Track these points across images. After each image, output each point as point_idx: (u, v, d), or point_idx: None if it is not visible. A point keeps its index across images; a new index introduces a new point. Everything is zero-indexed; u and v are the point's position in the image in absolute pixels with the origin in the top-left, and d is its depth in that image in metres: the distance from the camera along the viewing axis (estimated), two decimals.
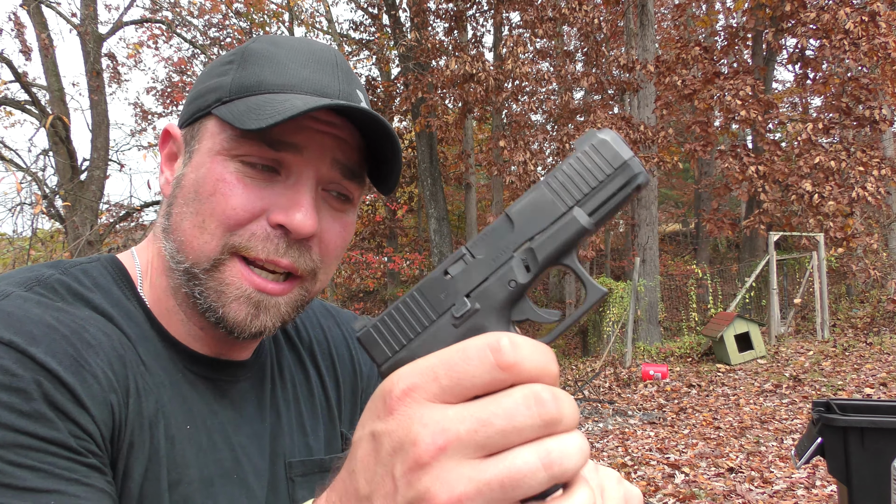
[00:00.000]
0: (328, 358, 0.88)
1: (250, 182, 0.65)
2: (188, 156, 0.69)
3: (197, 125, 0.69)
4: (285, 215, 0.65)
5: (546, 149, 13.13)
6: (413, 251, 17.72)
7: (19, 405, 0.51)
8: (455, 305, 0.41)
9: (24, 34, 11.07)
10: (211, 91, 0.68)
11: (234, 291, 0.66)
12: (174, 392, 0.67)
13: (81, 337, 0.59)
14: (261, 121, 0.61)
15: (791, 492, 4.41)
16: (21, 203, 7.94)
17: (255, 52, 0.69)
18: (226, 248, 0.65)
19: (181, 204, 0.67)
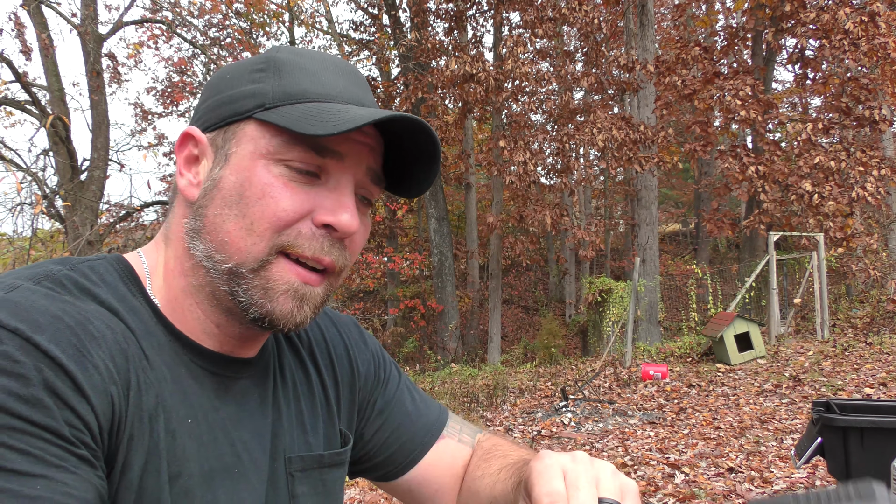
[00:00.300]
0: (327, 358, 0.90)
1: (296, 185, 0.69)
2: (223, 158, 0.71)
3: (231, 129, 0.71)
4: (332, 216, 0.69)
5: (546, 149, 13.12)
6: (413, 251, 17.74)
7: (17, 389, 0.52)
8: None
9: (24, 34, 11.08)
10: (247, 97, 0.71)
11: (282, 286, 0.69)
12: (176, 387, 0.68)
13: (85, 329, 0.60)
14: (328, 127, 0.65)
15: (791, 492, 4.41)
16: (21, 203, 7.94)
17: (285, 61, 0.72)
18: (273, 248, 0.68)
19: (221, 206, 0.69)
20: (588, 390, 8.60)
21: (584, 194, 22.00)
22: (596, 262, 20.76)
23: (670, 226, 27.86)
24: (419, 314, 15.79)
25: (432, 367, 13.57)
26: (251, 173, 0.68)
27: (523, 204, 12.91)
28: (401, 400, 0.96)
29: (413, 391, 0.99)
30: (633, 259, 11.43)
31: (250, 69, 0.73)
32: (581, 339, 15.92)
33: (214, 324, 0.73)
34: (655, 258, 12.58)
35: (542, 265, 23.84)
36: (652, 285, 12.17)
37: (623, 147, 11.69)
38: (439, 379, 11.00)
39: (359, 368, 0.93)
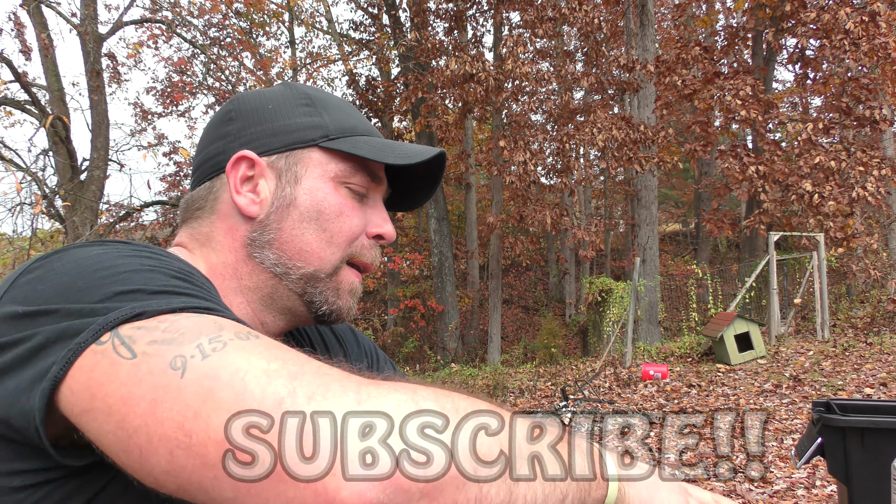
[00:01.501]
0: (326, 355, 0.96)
1: (356, 204, 0.84)
2: (292, 179, 0.81)
3: (294, 154, 0.82)
4: (382, 228, 0.85)
5: (546, 149, 13.11)
6: (413, 251, 17.73)
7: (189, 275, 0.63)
8: None
9: (24, 34, 11.07)
10: (308, 128, 0.82)
11: (347, 287, 0.84)
12: None
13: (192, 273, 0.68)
14: (401, 159, 0.80)
15: (791, 492, 4.41)
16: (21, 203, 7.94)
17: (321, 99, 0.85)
18: (345, 257, 0.83)
19: (297, 221, 0.81)
20: (588, 390, 8.60)
21: (584, 194, 22.00)
22: (596, 262, 20.76)
23: (670, 226, 27.86)
24: (419, 314, 15.78)
25: (432, 367, 13.57)
26: (325, 194, 0.81)
27: (523, 204, 12.90)
28: None
29: None
30: (633, 259, 11.42)
31: (296, 103, 0.84)
32: (581, 339, 15.93)
33: (260, 321, 0.83)
34: (655, 258, 12.57)
35: (542, 265, 23.84)
36: (652, 285, 12.17)
37: (623, 147, 11.69)
38: (439, 379, 11.00)
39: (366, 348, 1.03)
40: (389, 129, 18.52)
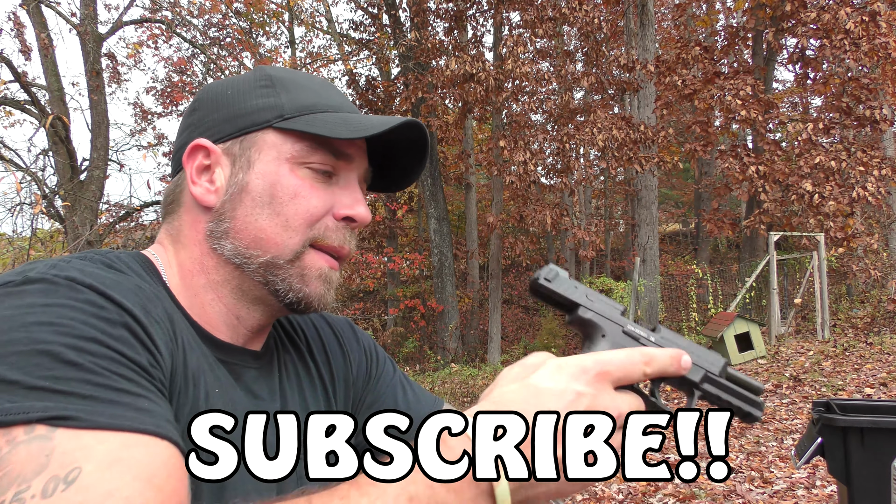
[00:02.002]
0: (323, 354, 0.96)
1: (318, 185, 0.79)
2: (245, 165, 0.79)
3: (248, 138, 0.79)
4: (352, 209, 0.80)
5: (546, 149, 13.11)
6: (413, 251, 17.72)
7: (108, 329, 0.59)
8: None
9: (23, 34, 11.08)
10: (262, 110, 0.79)
11: (315, 272, 0.79)
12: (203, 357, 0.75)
13: (142, 291, 0.68)
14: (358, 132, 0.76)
15: (791, 492, 4.40)
16: (21, 203, 7.93)
17: (285, 78, 0.82)
18: (306, 241, 0.78)
19: (251, 207, 0.77)
20: None
21: (584, 194, 21.98)
22: (596, 262, 20.75)
23: (670, 226, 27.84)
24: (419, 314, 15.77)
25: (432, 367, 13.56)
26: (279, 176, 0.77)
27: (523, 204, 12.89)
28: (392, 395, 0.99)
29: (407, 386, 1.02)
30: (633, 259, 11.42)
31: (254, 85, 0.81)
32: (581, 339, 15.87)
33: (235, 316, 0.81)
34: (655, 258, 12.56)
35: (543, 265, 23.81)
36: (652, 285, 12.16)
37: (623, 147, 11.68)
38: (439, 379, 11.00)
39: (352, 365, 0.98)
40: None
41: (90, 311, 0.59)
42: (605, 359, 0.58)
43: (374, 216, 18.71)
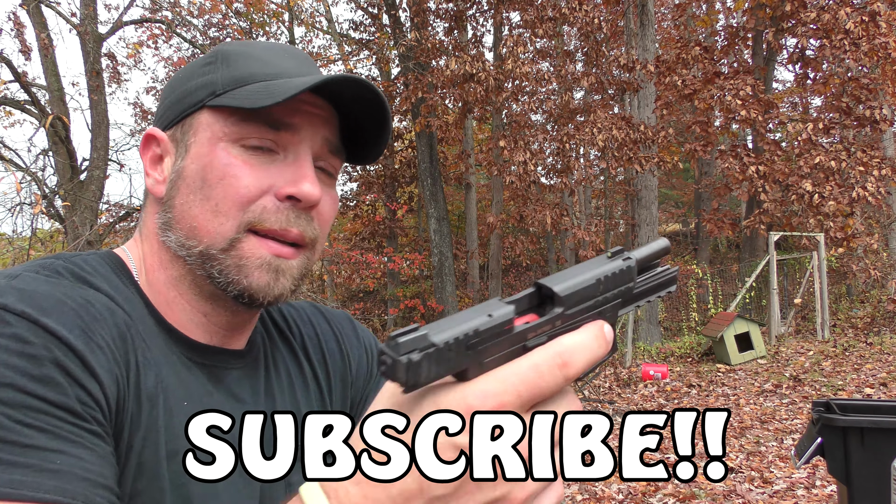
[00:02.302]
0: (319, 352, 0.91)
1: (255, 162, 0.71)
2: (183, 150, 0.73)
3: (187, 122, 0.74)
4: (294, 186, 0.71)
5: (546, 149, 13.10)
6: (413, 251, 17.71)
7: (30, 369, 0.54)
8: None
9: (23, 34, 11.07)
10: (198, 89, 0.73)
11: (255, 261, 0.71)
12: (171, 370, 0.70)
13: (88, 310, 0.62)
14: (273, 98, 0.67)
15: (791, 492, 4.40)
16: (21, 203, 7.94)
17: (232, 52, 0.75)
18: (241, 226, 0.70)
19: (186, 194, 0.72)
20: (588, 390, 8.59)
21: (584, 194, 21.99)
22: None
23: (670, 226, 27.83)
24: (419, 314, 15.76)
25: None
26: (211, 157, 0.71)
27: (523, 204, 12.89)
28: None
29: None
30: None
31: (201, 64, 0.76)
32: None
33: (202, 313, 0.75)
34: None
35: (542, 265, 23.82)
36: None
37: (623, 147, 11.68)
38: None
39: (350, 363, 0.94)
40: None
41: (14, 348, 0.54)
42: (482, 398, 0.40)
43: (373, 216, 18.71)
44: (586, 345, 0.43)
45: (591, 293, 0.47)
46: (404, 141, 19.33)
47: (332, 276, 14.95)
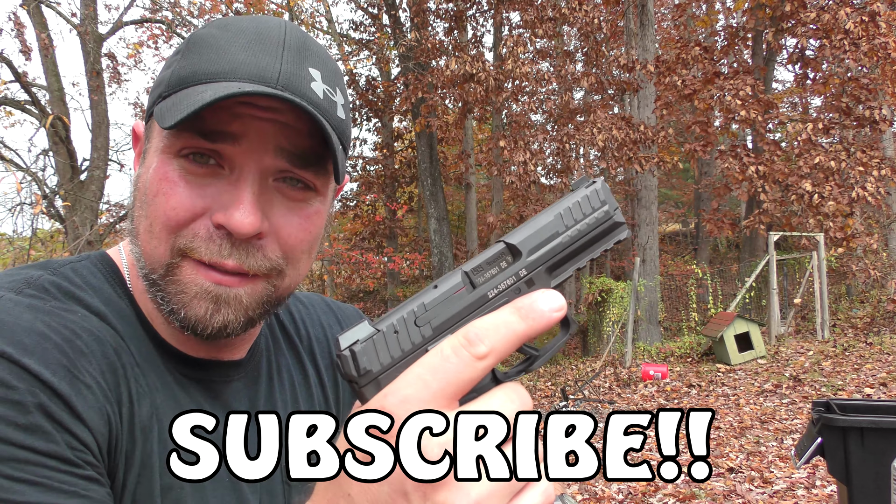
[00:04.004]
0: (327, 357, 0.87)
1: (193, 179, 0.62)
2: (143, 156, 0.68)
3: (150, 122, 0.67)
4: (224, 215, 0.62)
5: (546, 149, 13.11)
6: (413, 251, 17.71)
7: (15, 418, 0.50)
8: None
9: (23, 34, 11.06)
10: (157, 86, 0.66)
11: (192, 289, 0.63)
12: (167, 394, 0.66)
13: (73, 345, 0.58)
14: (175, 115, 0.59)
15: (791, 492, 4.41)
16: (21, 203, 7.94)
17: (198, 39, 0.66)
18: (174, 251, 0.63)
19: (138, 207, 0.66)
20: (588, 390, 8.60)
21: None
22: (596, 262, 20.75)
23: (670, 226, 27.83)
24: None
25: None
26: (153, 170, 0.64)
27: (523, 204, 12.90)
28: None
29: None
30: (633, 259, 11.42)
31: (175, 51, 0.68)
32: (581, 339, 15.91)
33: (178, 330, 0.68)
34: (655, 258, 12.57)
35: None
36: (652, 285, 12.16)
37: (623, 147, 11.68)
38: None
39: None
40: (389, 129, 18.53)
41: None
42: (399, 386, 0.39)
43: (373, 216, 18.71)
44: (501, 320, 0.41)
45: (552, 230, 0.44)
46: (404, 141, 19.33)
47: (332, 276, 14.95)
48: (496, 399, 0.40)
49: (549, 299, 0.42)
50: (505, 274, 0.43)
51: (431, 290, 0.42)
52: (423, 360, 0.39)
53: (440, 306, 0.41)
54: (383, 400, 0.39)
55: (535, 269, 0.44)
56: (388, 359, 0.40)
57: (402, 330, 0.41)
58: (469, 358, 0.39)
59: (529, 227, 0.45)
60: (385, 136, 18.52)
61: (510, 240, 0.44)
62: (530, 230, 0.44)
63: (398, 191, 19.74)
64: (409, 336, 0.41)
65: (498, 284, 0.43)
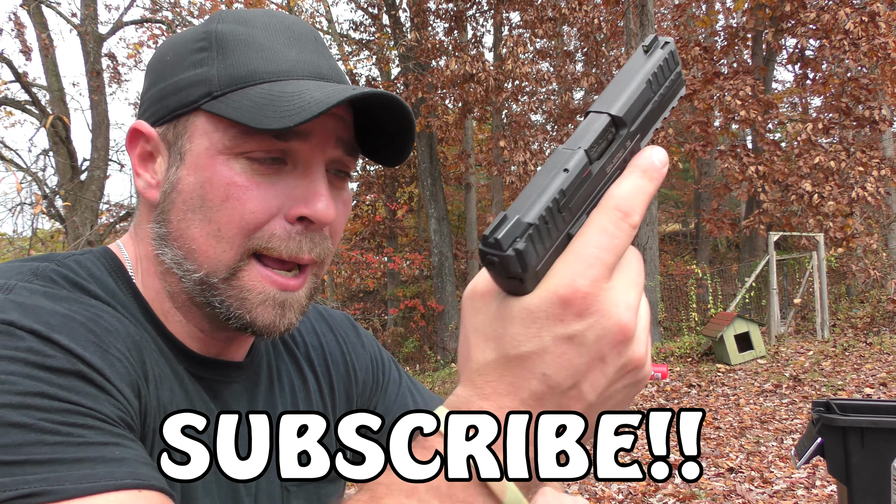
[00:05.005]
0: (323, 363, 0.86)
1: (262, 180, 0.63)
2: (178, 157, 0.65)
3: (181, 122, 0.65)
4: (307, 207, 0.63)
5: (546, 149, 13.12)
6: (413, 251, 17.72)
7: (56, 380, 0.50)
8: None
9: (24, 34, 11.07)
10: (192, 85, 0.64)
11: (257, 296, 0.64)
12: (179, 385, 0.67)
13: (98, 324, 0.58)
14: (284, 119, 0.59)
15: (791, 492, 4.41)
16: (21, 203, 7.95)
17: (228, 35, 0.65)
18: (245, 254, 0.64)
19: (183, 210, 0.64)
20: None
21: None
22: None
23: (670, 226, 27.83)
24: (419, 314, 15.78)
25: (432, 368, 13.57)
26: (211, 173, 0.63)
27: None
28: (404, 404, 0.91)
29: (416, 392, 0.95)
30: None
31: (192, 48, 0.66)
32: None
33: (199, 329, 0.70)
34: (655, 258, 12.57)
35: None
36: (652, 285, 12.16)
37: None
38: (439, 379, 11.00)
39: (356, 374, 0.89)
40: None
41: (34, 360, 0.50)
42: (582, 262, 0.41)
43: (373, 216, 18.72)
44: (636, 186, 0.43)
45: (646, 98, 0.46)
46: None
47: (332, 276, 14.95)
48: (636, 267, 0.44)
49: (659, 155, 0.44)
50: (614, 146, 0.44)
51: (561, 173, 0.42)
52: (590, 240, 0.41)
53: (574, 188, 0.42)
54: (574, 284, 0.40)
55: (636, 138, 0.45)
56: (542, 250, 0.41)
57: (550, 219, 0.41)
58: (629, 228, 0.42)
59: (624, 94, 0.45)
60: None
61: (612, 111, 0.44)
62: (627, 98, 0.45)
63: (398, 191, 19.74)
64: (556, 224, 0.41)
65: (612, 158, 0.44)
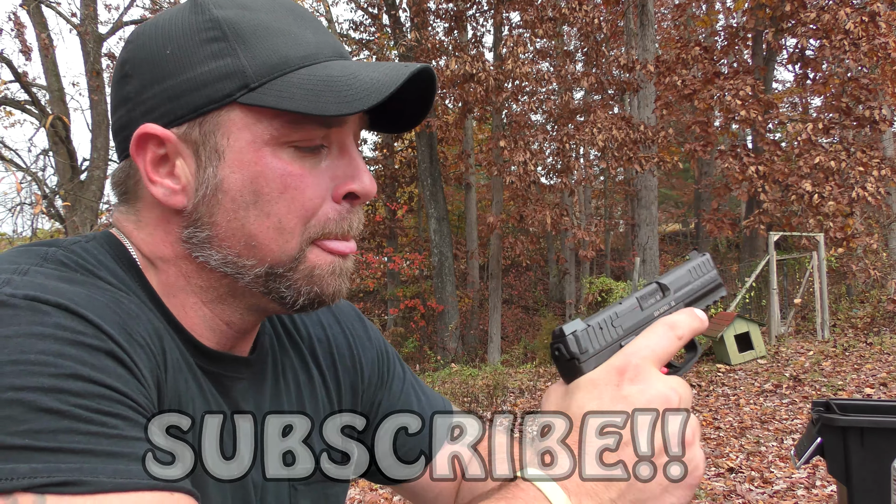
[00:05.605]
0: (329, 357, 0.85)
1: (311, 165, 0.64)
2: (214, 156, 0.62)
3: (209, 119, 0.62)
4: (355, 183, 0.66)
5: (546, 149, 13.11)
6: (413, 251, 17.73)
7: (88, 359, 0.49)
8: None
9: (24, 34, 11.07)
10: (219, 79, 0.61)
11: (326, 269, 0.67)
12: (192, 377, 0.65)
13: (120, 306, 0.57)
14: (351, 103, 0.59)
15: (791, 492, 4.41)
16: (21, 203, 7.95)
17: (239, 22, 0.62)
18: (305, 241, 0.65)
19: (233, 210, 0.63)
20: None
21: (584, 194, 21.99)
22: (596, 262, 20.75)
23: (670, 226, 27.84)
24: (419, 314, 15.78)
25: (432, 367, 13.57)
26: (262, 166, 0.62)
27: (523, 204, 12.91)
28: (408, 401, 0.90)
29: (419, 389, 0.93)
30: (633, 259, 11.43)
31: (200, 38, 0.62)
32: None
33: (224, 322, 0.69)
34: (655, 258, 12.57)
35: (542, 265, 23.84)
36: None
37: (623, 147, 11.69)
38: (439, 379, 10.99)
39: (363, 369, 0.87)
40: None
41: (65, 336, 0.49)
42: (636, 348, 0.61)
43: (373, 216, 18.73)
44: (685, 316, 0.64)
45: (686, 279, 0.70)
46: (404, 141, 19.33)
47: None
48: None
49: (702, 312, 0.67)
50: (661, 303, 0.67)
51: (618, 304, 0.65)
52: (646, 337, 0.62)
53: (626, 316, 0.64)
54: (628, 358, 0.60)
55: (678, 304, 0.68)
56: (598, 345, 0.62)
57: (605, 327, 0.63)
58: (674, 337, 0.62)
59: (672, 275, 0.70)
60: (385, 136, 18.53)
61: (662, 280, 0.69)
62: (673, 277, 0.70)
63: (398, 191, 19.74)
64: (609, 332, 0.63)
65: (658, 308, 0.67)
